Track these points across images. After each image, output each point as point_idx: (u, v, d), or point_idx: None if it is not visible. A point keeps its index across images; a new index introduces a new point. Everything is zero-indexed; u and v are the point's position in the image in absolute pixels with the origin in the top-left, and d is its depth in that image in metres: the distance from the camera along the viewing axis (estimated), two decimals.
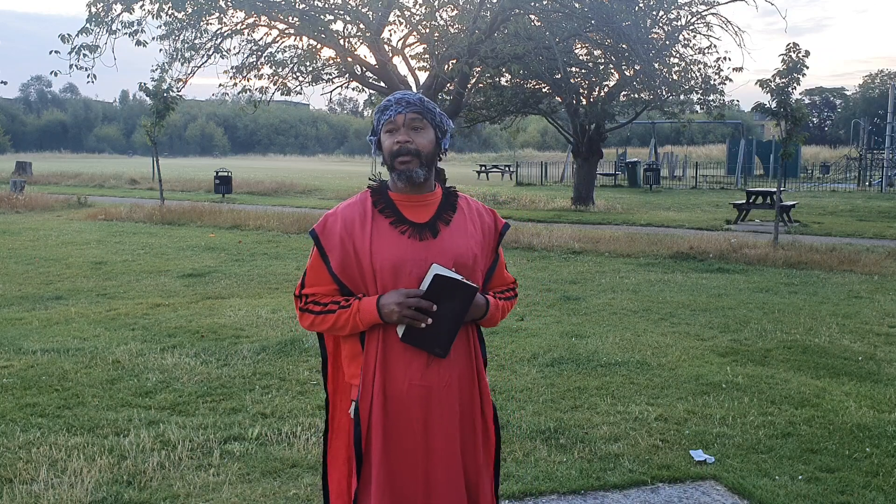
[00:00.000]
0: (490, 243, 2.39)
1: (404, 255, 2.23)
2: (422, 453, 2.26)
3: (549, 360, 5.93)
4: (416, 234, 2.25)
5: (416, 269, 2.23)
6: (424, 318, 2.17)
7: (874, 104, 63.11)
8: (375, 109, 2.32)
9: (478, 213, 2.38)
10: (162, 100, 17.73)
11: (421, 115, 2.26)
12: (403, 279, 2.22)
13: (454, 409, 2.29)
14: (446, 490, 2.27)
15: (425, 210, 2.30)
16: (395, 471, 2.26)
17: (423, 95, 2.34)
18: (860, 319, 7.57)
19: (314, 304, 2.30)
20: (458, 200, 2.36)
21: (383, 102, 2.29)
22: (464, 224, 2.32)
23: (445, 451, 2.27)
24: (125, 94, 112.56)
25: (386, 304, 2.18)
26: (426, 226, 2.27)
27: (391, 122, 2.25)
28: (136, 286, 9.19)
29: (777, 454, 4.19)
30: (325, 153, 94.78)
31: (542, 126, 67.70)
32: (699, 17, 19.16)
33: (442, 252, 2.25)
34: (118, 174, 35.01)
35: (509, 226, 2.47)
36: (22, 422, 4.56)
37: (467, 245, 2.29)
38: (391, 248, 2.24)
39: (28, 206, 19.71)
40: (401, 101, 2.26)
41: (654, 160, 35.36)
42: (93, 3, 13.10)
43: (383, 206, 2.29)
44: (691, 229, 16.03)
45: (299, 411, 4.78)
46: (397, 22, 14.99)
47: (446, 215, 2.31)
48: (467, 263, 2.28)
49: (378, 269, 2.23)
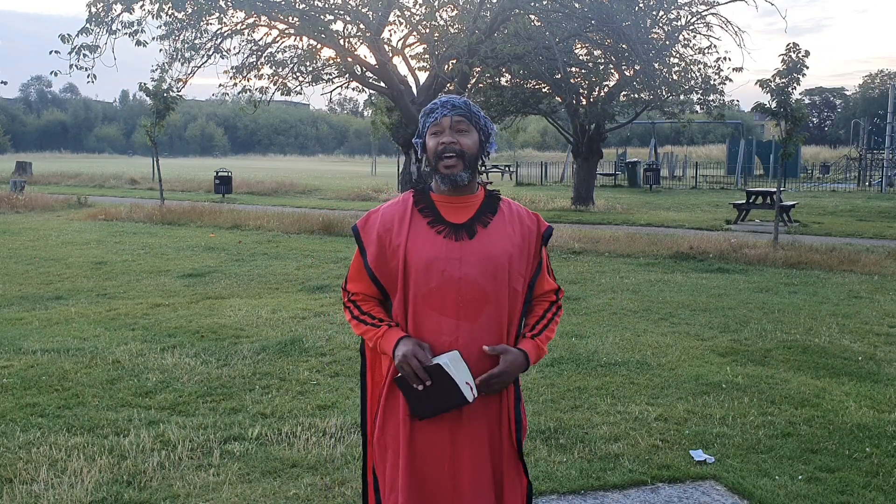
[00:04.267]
0: (531, 248, 2.38)
1: (438, 253, 2.26)
2: (448, 453, 2.29)
3: (549, 360, 5.93)
4: (451, 233, 2.29)
5: (450, 267, 2.26)
6: (417, 382, 2.21)
7: (874, 104, 63.07)
8: (422, 112, 2.35)
9: (518, 217, 2.39)
10: (162, 100, 17.73)
11: (466, 118, 2.30)
12: (435, 277, 2.26)
13: (484, 410, 2.31)
14: (473, 490, 2.29)
15: (465, 211, 2.33)
16: (422, 469, 2.29)
17: (468, 99, 2.37)
18: (860, 319, 7.57)
19: (354, 307, 2.40)
20: (500, 203, 2.39)
21: (429, 105, 2.33)
22: (503, 227, 2.34)
23: (473, 452, 2.30)
24: (125, 94, 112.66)
25: (400, 347, 2.24)
26: (463, 226, 2.30)
27: (437, 125, 2.29)
28: (136, 286, 9.19)
29: (777, 454, 4.19)
30: (326, 153, 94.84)
31: (542, 126, 67.69)
32: (699, 17, 19.18)
33: (476, 253, 2.27)
34: (118, 174, 35.02)
35: (552, 229, 2.47)
36: (22, 422, 4.56)
37: (503, 248, 2.31)
38: (425, 246, 2.27)
39: (28, 206, 19.71)
40: (447, 104, 2.30)
41: (654, 160, 35.34)
42: (93, 3, 13.09)
43: (423, 206, 2.34)
44: (691, 229, 16.03)
45: (299, 411, 4.78)
46: (397, 22, 15.00)
47: (485, 217, 2.34)
48: (501, 266, 2.29)
49: (411, 267, 2.27)
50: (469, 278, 2.26)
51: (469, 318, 2.26)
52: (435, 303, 2.27)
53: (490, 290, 2.27)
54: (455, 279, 2.25)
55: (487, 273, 2.27)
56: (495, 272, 2.28)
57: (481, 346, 2.27)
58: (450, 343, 2.26)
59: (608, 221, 17.71)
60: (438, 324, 2.27)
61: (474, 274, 2.26)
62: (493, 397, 2.33)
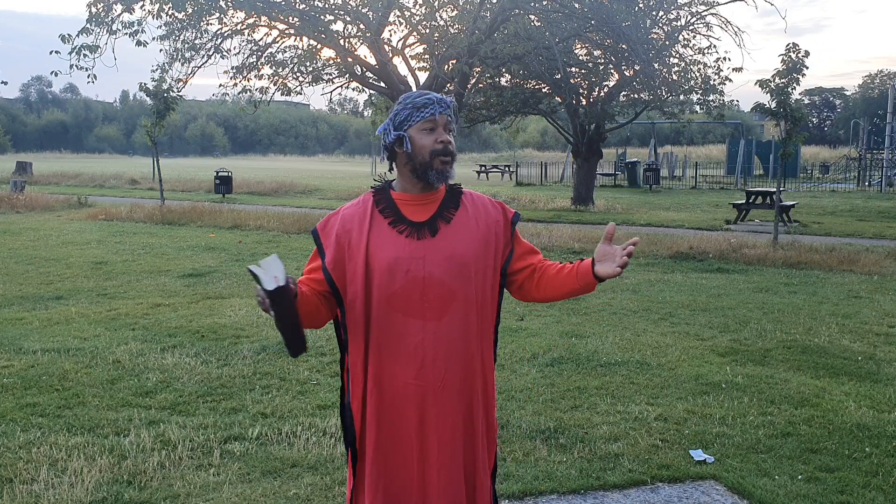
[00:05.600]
0: (500, 237, 2.34)
1: (400, 254, 2.21)
2: (416, 454, 2.24)
3: (549, 360, 5.93)
4: (413, 232, 2.24)
5: (414, 267, 2.21)
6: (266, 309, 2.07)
7: (874, 104, 63.09)
8: (405, 105, 2.25)
9: (483, 209, 2.35)
10: (162, 100, 17.73)
11: (453, 119, 2.29)
12: (399, 278, 2.20)
13: (454, 411, 2.25)
14: (441, 493, 2.23)
15: (427, 209, 2.28)
16: (388, 470, 2.25)
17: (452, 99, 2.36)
18: (860, 319, 7.57)
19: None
20: (463, 197, 2.34)
21: (420, 100, 2.24)
22: (466, 221, 2.30)
23: (441, 453, 2.24)
24: (125, 95, 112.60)
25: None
26: (425, 224, 2.25)
27: (432, 121, 2.23)
28: (137, 286, 9.19)
29: (777, 454, 4.19)
30: (326, 153, 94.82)
31: (542, 126, 67.68)
32: (699, 17, 19.20)
33: (439, 250, 2.22)
34: (118, 174, 35.01)
35: (520, 215, 2.43)
36: (22, 422, 4.57)
37: (467, 243, 2.26)
38: (387, 247, 2.22)
39: (28, 206, 19.71)
40: (441, 101, 2.25)
41: (653, 160, 35.35)
42: (93, 3, 13.11)
43: (384, 207, 2.29)
44: (691, 229, 16.03)
45: (299, 411, 4.78)
46: (397, 22, 15.01)
47: (448, 213, 2.29)
48: (466, 262, 2.25)
49: (374, 269, 2.22)
50: (434, 277, 2.21)
51: (435, 317, 2.21)
52: (399, 304, 2.21)
53: (456, 287, 2.22)
54: (419, 279, 2.20)
55: (452, 270, 2.22)
56: (460, 269, 2.23)
57: (449, 345, 2.22)
58: (416, 344, 2.21)
59: (608, 221, 17.67)
60: (404, 325, 2.21)
61: (439, 272, 2.21)
62: (464, 395, 2.26)
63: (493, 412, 2.38)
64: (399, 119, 2.26)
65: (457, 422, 2.26)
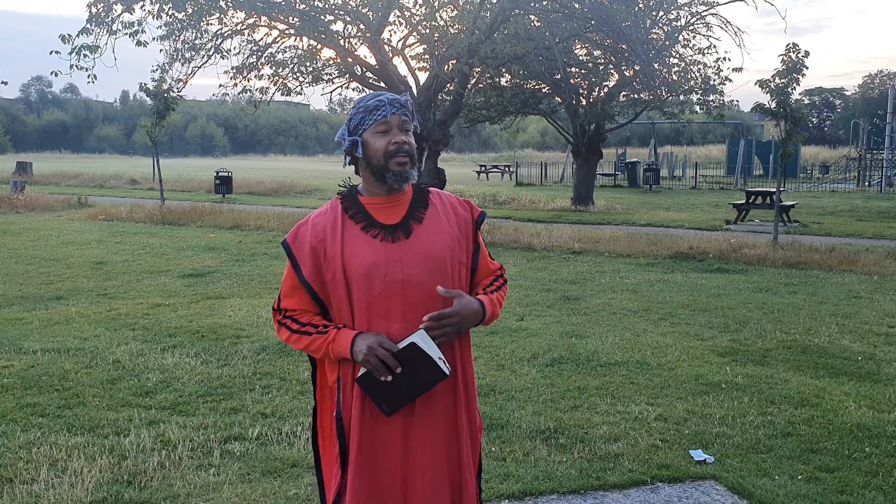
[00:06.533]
0: (468, 235, 2.34)
1: (377, 258, 2.19)
2: (400, 460, 2.23)
3: (548, 360, 5.93)
4: (388, 236, 2.22)
5: (392, 270, 2.19)
6: (386, 372, 2.13)
7: (873, 104, 63.09)
8: (358, 109, 2.24)
9: (451, 207, 2.34)
10: (162, 100, 17.74)
11: (410, 119, 2.26)
12: (378, 283, 2.19)
13: (437, 419, 2.24)
14: (425, 495, 2.22)
15: (396, 211, 2.27)
16: (372, 477, 2.23)
17: (409, 98, 2.33)
18: (860, 319, 7.57)
19: (291, 321, 2.28)
20: (430, 196, 2.33)
21: (372, 102, 2.23)
22: (437, 219, 2.29)
23: (424, 459, 2.22)
24: (125, 95, 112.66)
25: (359, 343, 2.15)
26: (398, 226, 2.24)
27: (385, 123, 2.22)
28: (137, 286, 9.19)
29: (777, 454, 4.19)
30: (326, 153, 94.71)
31: (542, 126, 67.71)
32: (699, 17, 19.20)
33: (415, 251, 2.21)
34: (118, 174, 35.02)
35: (485, 214, 2.43)
36: (22, 422, 4.57)
37: (442, 241, 2.26)
38: (363, 252, 2.20)
39: (28, 207, 19.72)
40: (394, 102, 2.23)
41: (653, 160, 35.36)
42: (93, 3, 13.10)
43: (354, 212, 2.26)
44: (691, 229, 16.03)
45: (299, 411, 4.79)
46: (397, 22, 14.99)
47: (418, 213, 2.28)
48: (442, 260, 2.24)
49: (351, 276, 2.20)
50: (412, 279, 2.19)
51: (417, 319, 2.18)
52: (381, 309, 2.19)
53: (434, 287, 2.21)
54: (398, 281, 2.19)
55: (430, 270, 2.21)
56: (438, 267, 2.22)
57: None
58: None
59: (608, 221, 17.71)
60: (386, 330, 2.19)
61: (417, 273, 2.20)
62: (449, 395, 2.26)
63: (474, 405, 2.36)
64: (353, 124, 2.26)
65: (442, 428, 2.25)
